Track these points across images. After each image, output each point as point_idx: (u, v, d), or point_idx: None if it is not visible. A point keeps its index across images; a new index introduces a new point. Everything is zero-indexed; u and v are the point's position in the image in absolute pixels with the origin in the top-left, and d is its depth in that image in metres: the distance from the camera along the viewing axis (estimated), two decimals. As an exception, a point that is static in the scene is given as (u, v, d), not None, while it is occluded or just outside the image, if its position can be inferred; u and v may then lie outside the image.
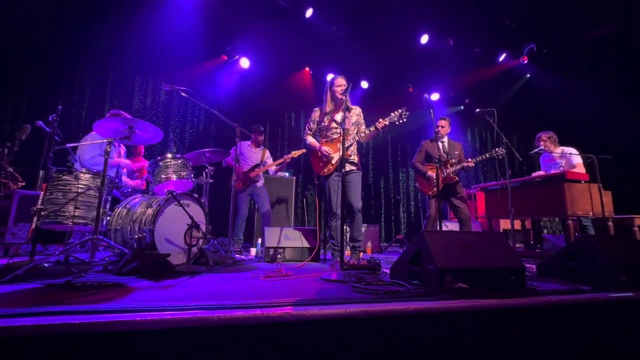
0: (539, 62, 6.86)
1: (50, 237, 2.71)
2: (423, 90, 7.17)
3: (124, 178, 3.65)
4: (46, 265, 2.12)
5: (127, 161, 3.67)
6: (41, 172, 3.25)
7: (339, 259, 2.48)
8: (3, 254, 3.01)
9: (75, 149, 3.19)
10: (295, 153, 4.13)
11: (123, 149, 3.64)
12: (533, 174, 4.28)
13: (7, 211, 3.01)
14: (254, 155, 4.36)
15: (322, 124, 3.15)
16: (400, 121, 2.92)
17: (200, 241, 2.71)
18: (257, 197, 4.20)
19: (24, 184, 3.40)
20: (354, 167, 3.10)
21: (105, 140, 2.33)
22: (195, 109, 6.20)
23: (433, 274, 1.67)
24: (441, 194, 3.34)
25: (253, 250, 3.74)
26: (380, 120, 2.94)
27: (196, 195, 2.83)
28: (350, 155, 3.10)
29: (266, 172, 4.43)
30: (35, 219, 2.19)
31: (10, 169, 3.23)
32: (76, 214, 2.25)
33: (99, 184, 2.30)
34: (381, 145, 7.79)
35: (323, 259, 3.31)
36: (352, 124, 3.15)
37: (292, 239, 3.28)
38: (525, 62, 6.86)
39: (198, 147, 3.45)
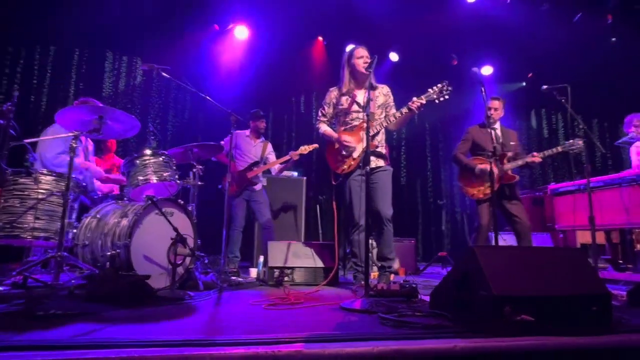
0: (629, 21, 6.63)
1: (5, 254, 2.83)
2: (471, 62, 7.06)
3: (96, 181, 3.76)
4: (1, 289, 2.21)
5: (99, 169, 3.78)
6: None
7: (363, 282, 2.48)
8: (-50, 275, 3.18)
9: (34, 145, 3.32)
10: (305, 149, 4.12)
11: (91, 145, 3.75)
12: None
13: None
14: (253, 149, 4.40)
15: (340, 106, 3.15)
16: (441, 99, 2.90)
17: (187, 259, 2.75)
18: (254, 204, 4.23)
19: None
20: (382, 163, 3.09)
21: (71, 134, 2.41)
22: (180, 93, 6.33)
23: (487, 303, 1.65)
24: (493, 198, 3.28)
25: (253, 271, 3.78)
26: (414, 99, 2.92)
27: (182, 202, 2.88)
28: (377, 147, 3.08)
29: (267, 171, 4.48)
30: (-13, 232, 2.28)
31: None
32: (36, 225, 2.34)
33: (64, 188, 2.38)
34: (417, 135, 7.72)
35: (343, 283, 3.31)
36: (379, 106, 3.13)
37: (303, 257, 3.29)
38: (610, 21, 6.65)
39: (184, 141, 3.51)
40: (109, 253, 2.47)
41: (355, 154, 3.05)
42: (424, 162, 7.69)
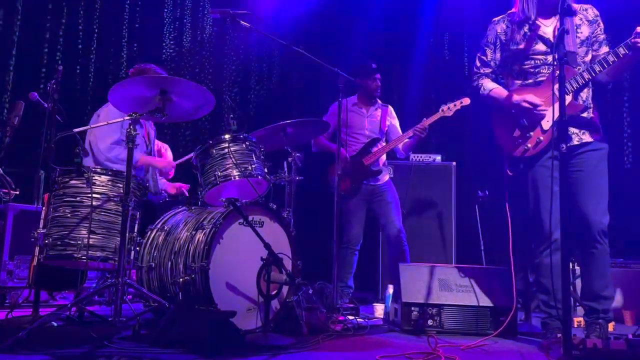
0: None
1: (58, 277, 3.31)
2: None
3: (160, 179, 4.15)
4: (55, 324, 2.62)
5: (168, 161, 4.17)
6: (41, 173, 3.99)
7: (559, 335, 2.41)
8: (-1, 303, 3.84)
9: (85, 133, 3.78)
10: (449, 108, 3.97)
11: (153, 131, 4.15)
12: None
13: (0, 237, 3.80)
14: (367, 121, 4.44)
15: (514, 47, 3.07)
16: None
17: (284, 289, 2.90)
18: (378, 206, 4.28)
19: (17, 192, 4.23)
20: (589, 136, 2.96)
21: (127, 118, 2.70)
22: (264, 49, 6.61)
23: None
24: None
25: (379, 308, 3.86)
26: None
27: (274, 206, 3.04)
28: (583, 110, 2.94)
29: (392, 153, 4.50)
30: (37, 250, 2.70)
31: (0, 171, 4.05)
32: (91, 241, 2.69)
33: (122, 191, 2.70)
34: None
35: (524, 333, 3.24)
36: (582, 41, 3.01)
37: (456, 290, 3.27)
38: None
39: (272, 118, 3.69)
40: (180, 279, 2.73)
41: (547, 124, 2.95)
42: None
